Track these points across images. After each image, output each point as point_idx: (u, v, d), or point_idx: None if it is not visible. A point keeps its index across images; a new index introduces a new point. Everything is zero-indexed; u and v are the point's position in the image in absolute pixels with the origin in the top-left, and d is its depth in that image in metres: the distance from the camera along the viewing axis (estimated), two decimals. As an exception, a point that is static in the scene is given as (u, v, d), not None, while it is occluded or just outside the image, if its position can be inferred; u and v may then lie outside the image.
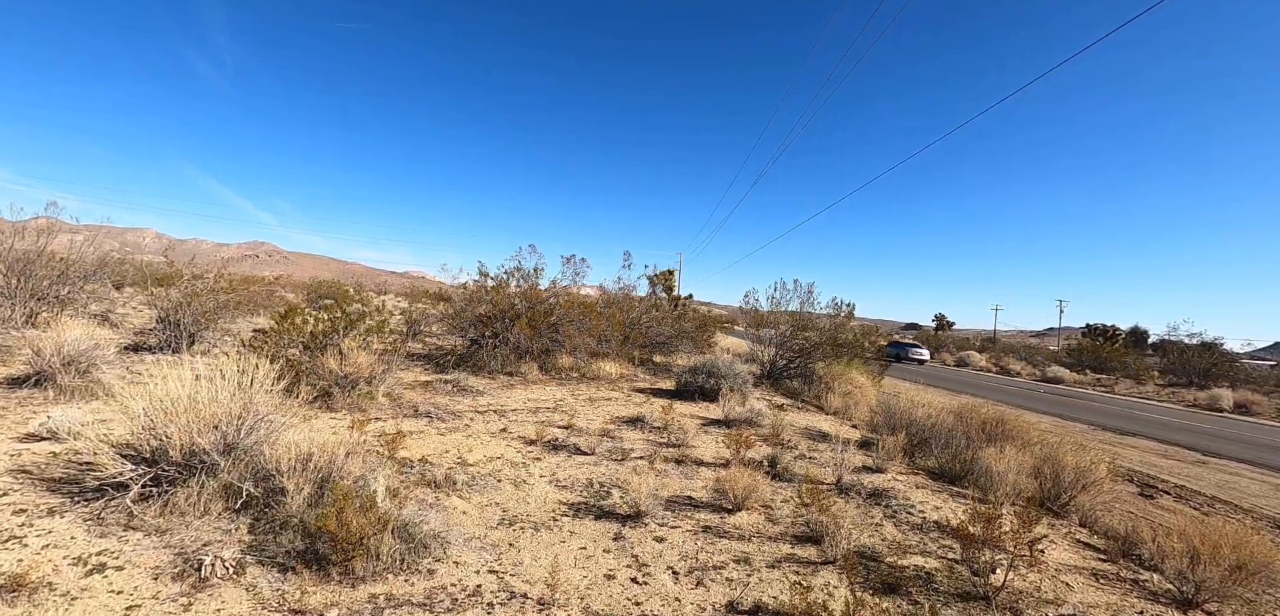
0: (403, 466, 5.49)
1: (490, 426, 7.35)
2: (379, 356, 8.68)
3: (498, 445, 6.46)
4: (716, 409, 9.02)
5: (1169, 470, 10.04)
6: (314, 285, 38.88)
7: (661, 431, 7.34)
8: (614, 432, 7.32)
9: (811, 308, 13.41)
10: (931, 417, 7.29)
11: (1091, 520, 6.08)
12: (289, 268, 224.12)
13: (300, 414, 7.23)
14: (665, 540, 4.12)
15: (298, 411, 7.30)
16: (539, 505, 4.78)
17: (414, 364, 12.30)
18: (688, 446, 6.80)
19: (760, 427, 8.05)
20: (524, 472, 5.58)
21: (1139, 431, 13.76)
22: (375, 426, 6.92)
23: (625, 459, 6.16)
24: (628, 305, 15.89)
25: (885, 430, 7.42)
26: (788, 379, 13.73)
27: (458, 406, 8.46)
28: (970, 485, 6.10)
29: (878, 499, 5.16)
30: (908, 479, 6.18)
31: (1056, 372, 29.26)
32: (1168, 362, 30.04)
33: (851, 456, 6.49)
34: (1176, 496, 8.56)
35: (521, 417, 7.96)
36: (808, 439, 7.80)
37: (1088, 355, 33.30)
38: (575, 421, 7.78)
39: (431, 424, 7.28)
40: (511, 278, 12.78)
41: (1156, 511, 7.74)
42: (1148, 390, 25.71)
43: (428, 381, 10.14)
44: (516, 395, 9.70)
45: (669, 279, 31.84)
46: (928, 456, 6.96)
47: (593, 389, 10.88)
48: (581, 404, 9.28)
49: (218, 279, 15.04)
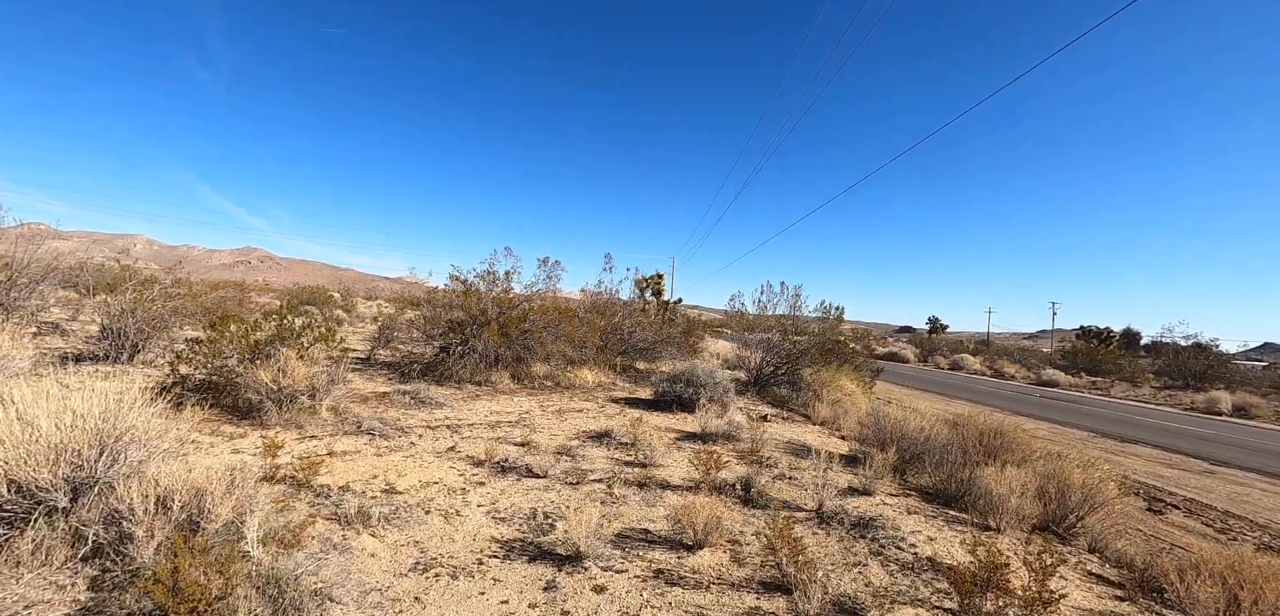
0: (318, 496, 4.78)
1: (438, 444, 6.64)
2: (324, 367, 7.96)
3: (439, 467, 5.75)
4: (694, 421, 8.33)
5: (1176, 481, 9.43)
6: (295, 291, 38.01)
7: (629, 448, 6.65)
8: (575, 451, 6.62)
9: (799, 311, 12.77)
10: (924, 430, 6.63)
11: (1102, 545, 5.43)
12: (281, 274, 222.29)
13: (222, 435, 6.52)
14: (606, 591, 3.43)
15: (220, 432, 6.60)
16: (466, 544, 4.08)
17: (380, 373, 11.57)
18: (655, 466, 6.11)
19: (739, 442, 7.38)
20: (460, 501, 4.88)
21: (1140, 438, 13.17)
22: (306, 446, 6.21)
23: (582, 482, 5.46)
24: (609, 309, 15.20)
25: (874, 444, 6.76)
26: (775, 386, 13.07)
27: (410, 421, 7.74)
28: (969, 507, 5.44)
29: (863, 529, 4.48)
30: (898, 501, 5.51)
31: (1051, 376, 28.74)
32: (1162, 365, 29.60)
33: (837, 476, 5.82)
34: (1187, 511, 7.95)
35: (477, 433, 7.26)
36: (791, 454, 7.13)
37: (1082, 358, 32.83)
38: (535, 438, 7.08)
39: (372, 442, 6.56)
40: (482, 281, 12.05)
41: (1168, 529, 7.12)
42: (1144, 393, 25.21)
43: (386, 392, 9.41)
44: (480, 407, 8.99)
45: (658, 283, 31.17)
46: (921, 473, 6.29)
47: (566, 399, 10.18)
48: (548, 417, 8.57)
49: (176, 285, 14.29)
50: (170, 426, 5.46)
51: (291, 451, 6.06)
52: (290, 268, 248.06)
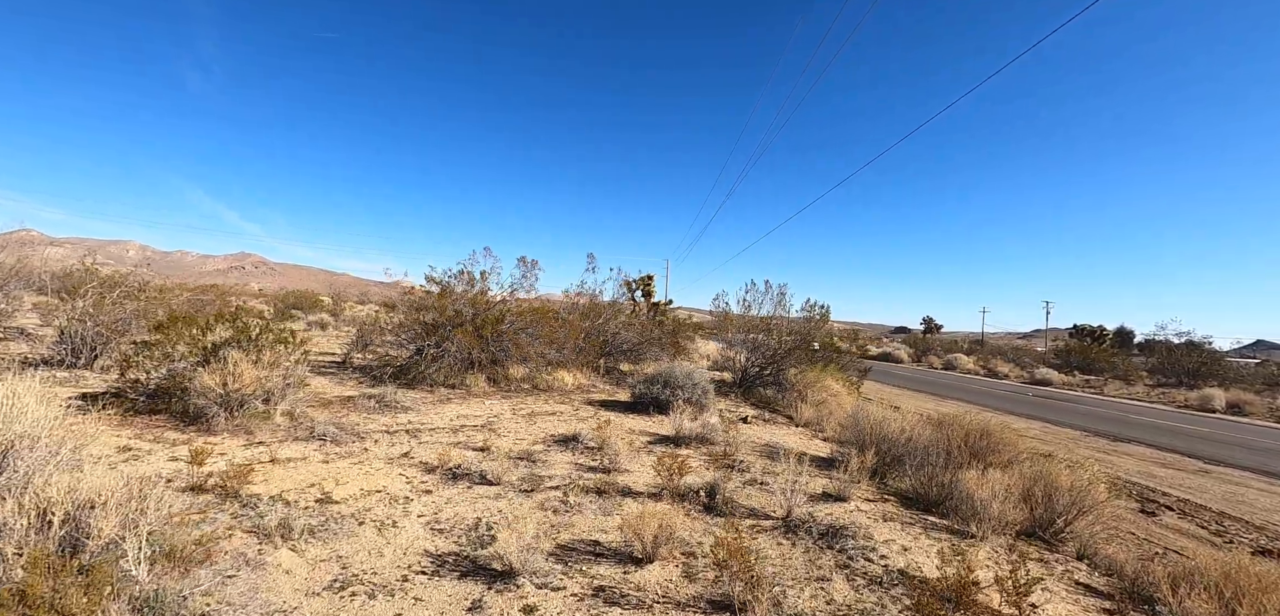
0: (244, 507, 4.43)
1: (392, 450, 6.28)
2: (281, 371, 7.59)
3: (387, 475, 5.40)
4: (670, 424, 7.99)
5: (1169, 481, 9.13)
6: (282, 295, 37.50)
7: (595, 453, 6.30)
8: (538, 456, 6.27)
9: (784, 311, 12.45)
10: (905, 431, 6.30)
11: (1091, 551, 5.10)
12: (275, 279, 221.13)
13: (165, 442, 6.15)
14: (536, 611, 3.09)
15: (163, 439, 6.23)
16: (396, 559, 3.73)
17: (353, 377, 11.20)
18: (619, 471, 5.76)
19: (713, 446, 7.04)
20: (400, 511, 4.52)
21: (1133, 437, 12.89)
22: (250, 453, 5.85)
23: (536, 490, 5.11)
24: (592, 311, 14.84)
25: (854, 447, 6.42)
26: (761, 387, 12.73)
27: (369, 426, 7.38)
28: (950, 512, 5.11)
29: (833, 539, 4.14)
30: (875, 507, 5.18)
31: (1044, 374, 28.52)
32: (1156, 363, 29.40)
33: (811, 480, 5.48)
34: (1181, 512, 7.64)
35: (437, 438, 6.90)
36: (767, 458, 6.79)
37: (1076, 356, 32.64)
38: (498, 442, 6.72)
39: (322, 448, 6.20)
40: (457, 282, 11.68)
41: (1162, 532, 6.81)
42: (1137, 391, 24.99)
43: (351, 396, 9.04)
44: (448, 411, 8.63)
45: (648, 284, 30.87)
46: (902, 477, 5.97)
47: (541, 402, 9.82)
48: (518, 420, 8.22)
49: (143, 287, 13.87)
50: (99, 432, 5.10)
51: (232, 459, 5.71)
52: (285, 273, 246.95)
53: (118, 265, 52.23)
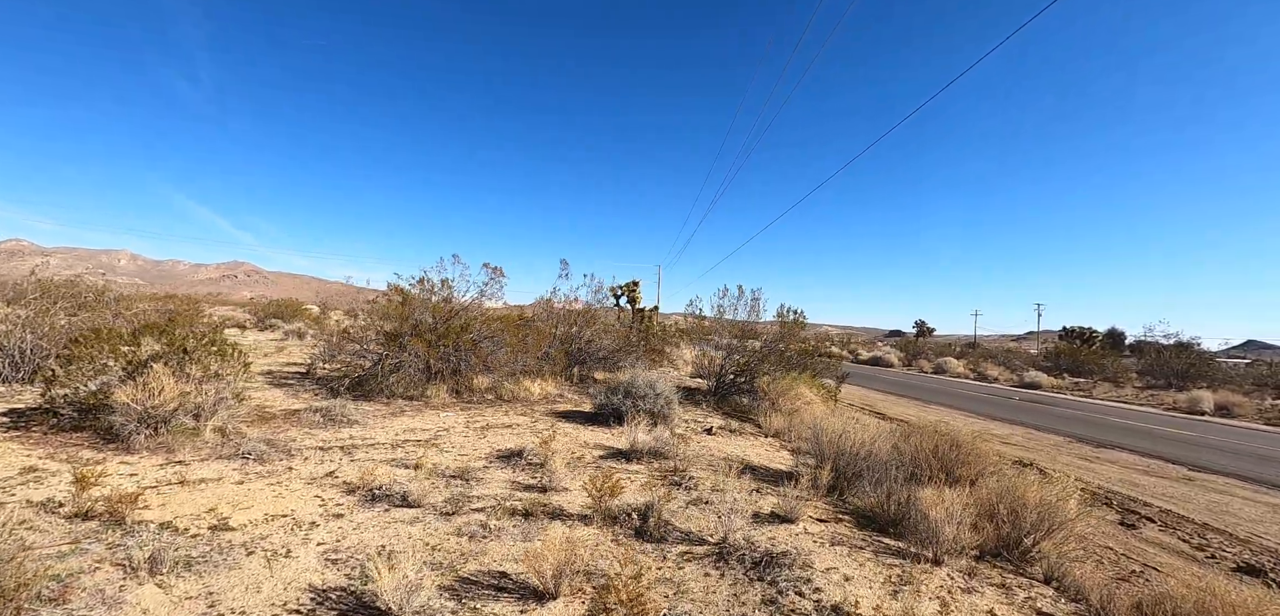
0: (127, 535, 4.02)
1: (319, 468, 5.87)
2: (214, 385, 7.16)
3: (301, 496, 4.98)
4: (627, 436, 7.60)
5: (1152, 490, 8.79)
6: (264, 304, 36.97)
7: (538, 468, 5.91)
8: (476, 473, 5.86)
9: (757, 316, 12.08)
10: (865, 443, 5.92)
11: (1059, 572, 4.73)
12: (268, 288, 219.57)
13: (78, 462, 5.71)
14: (403, 665, 2.69)
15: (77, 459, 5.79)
16: (273, 595, 3.33)
17: (310, 388, 10.77)
18: (555, 489, 5.36)
19: (669, 459, 6.65)
20: (299, 539, 4.12)
21: (1117, 442, 12.56)
22: (162, 473, 5.43)
23: (458, 512, 4.71)
24: (567, 318, 14.45)
25: (813, 460, 6.05)
26: (737, 395, 12.35)
27: (307, 441, 6.96)
28: (907, 533, 4.73)
29: (766, 568, 3.75)
30: (826, 528, 4.79)
31: (1034, 378, 28.23)
32: (1145, 364, 29.19)
33: (762, 498, 5.11)
34: (1162, 524, 7.29)
35: (373, 454, 6.48)
36: (723, 472, 6.40)
37: (1065, 359, 32.39)
38: (434, 459, 6.32)
39: (244, 467, 5.78)
40: (418, 288, 11.27)
41: (1141, 546, 6.46)
42: (1126, 393, 24.73)
43: (297, 410, 8.62)
44: (398, 424, 8.21)
45: (633, 290, 30.50)
46: (861, 493, 5.58)
47: (500, 414, 9.41)
48: (469, 434, 7.81)
49: (97, 295, 13.38)
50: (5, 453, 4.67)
51: (141, 480, 5.31)
52: (277, 281, 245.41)
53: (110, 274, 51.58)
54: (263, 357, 16.10)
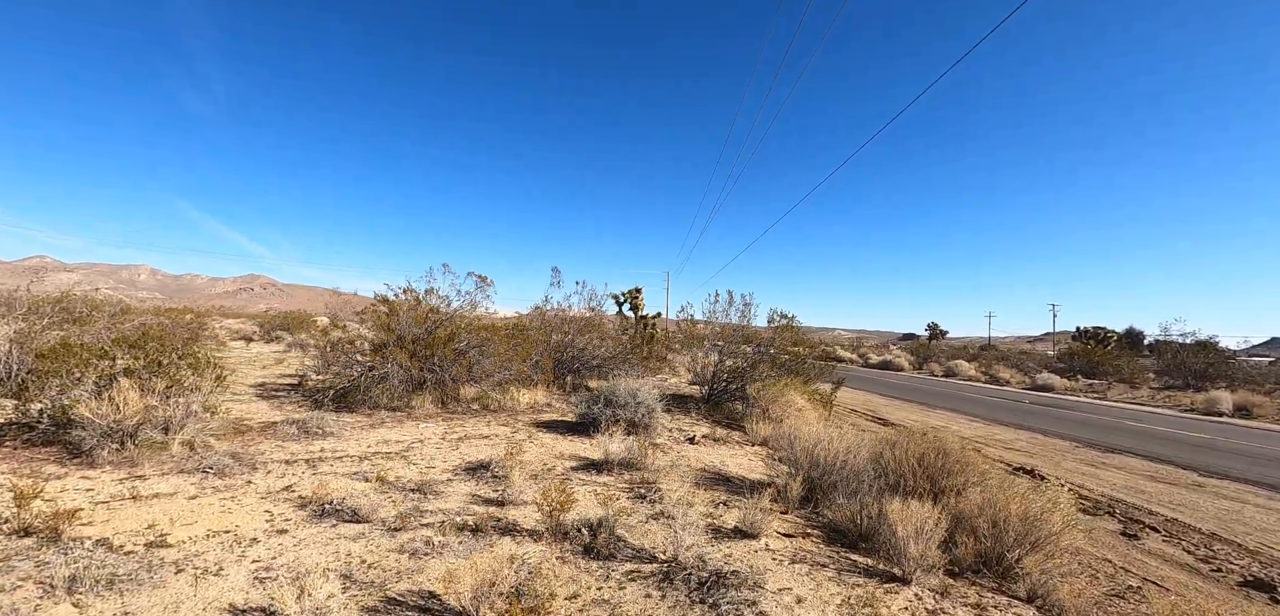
0: (61, 552, 3.90)
1: (279, 482, 5.73)
2: (184, 398, 7.07)
3: (250, 512, 4.84)
4: (601, 447, 7.40)
5: (1159, 497, 8.40)
6: (269, 317, 37.28)
7: (501, 481, 5.72)
8: (437, 486, 5.69)
9: (748, 321, 11.83)
10: (839, 453, 5.65)
11: (1045, 590, 4.45)
12: (283, 300, 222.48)
13: (40, 477, 5.62)
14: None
15: (40, 474, 5.70)
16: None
17: (297, 399, 10.71)
18: (513, 503, 5.17)
19: (641, 470, 6.43)
20: (235, 556, 3.96)
21: (1127, 446, 12.11)
22: (117, 488, 5.31)
23: (406, 527, 4.53)
24: (555, 325, 14.28)
25: (789, 469, 5.79)
26: (730, 402, 12.10)
27: (275, 455, 6.84)
28: (877, 549, 4.47)
29: (712, 589, 3.52)
30: (789, 544, 4.54)
31: (1046, 380, 27.59)
32: (1163, 364, 28.40)
33: (727, 511, 4.87)
34: (1167, 534, 6.92)
35: (340, 467, 6.34)
36: (698, 484, 6.17)
37: (1079, 360, 31.64)
38: (399, 472, 6.16)
39: (203, 481, 5.66)
40: (404, 297, 11.17)
41: (1142, 560, 6.10)
42: (1142, 395, 24.05)
43: (274, 422, 8.51)
44: (373, 436, 8.07)
45: (635, 297, 30.32)
46: (836, 506, 5.32)
47: (482, 424, 9.24)
48: (444, 446, 7.64)
49: (94, 309, 13.45)
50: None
51: (96, 496, 5.20)
52: (293, 294, 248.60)
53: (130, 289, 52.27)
54: (260, 369, 16.12)
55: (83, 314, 12.37)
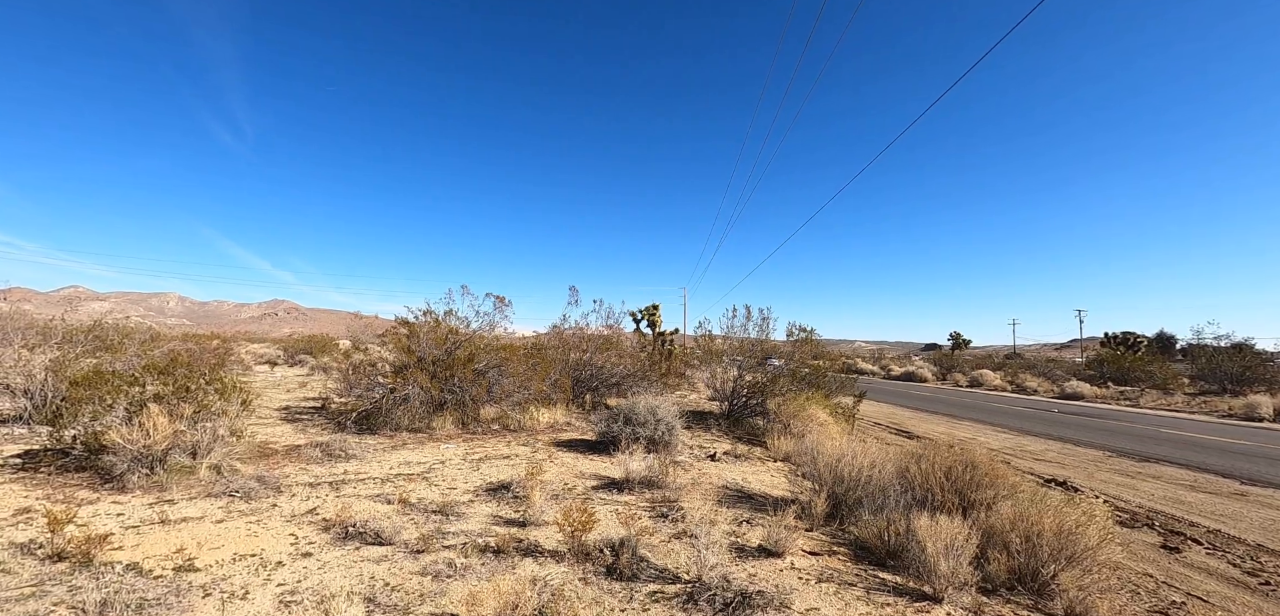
0: (93, 577, 3.97)
1: (303, 505, 5.78)
2: (211, 423, 7.20)
3: (276, 535, 4.88)
4: (621, 465, 7.36)
5: (1200, 507, 8.10)
6: (293, 341, 37.92)
7: (522, 502, 5.71)
8: (460, 507, 5.70)
9: (767, 335, 11.73)
10: (863, 468, 5.54)
11: (1083, 607, 4.29)
12: (306, 324, 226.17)
13: (74, 502, 5.75)
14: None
15: (74, 499, 5.83)
16: (212, 649, 3.19)
17: (318, 423, 10.85)
18: (536, 524, 5.15)
19: (663, 489, 6.37)
20: (261, 580, 3.99)
21: (1163, 455, 11.72)
22: (146, 513, 5.40)
23: (428, 549, 4.54)
24: (574, 343, 14.31)
25: (812, 485, 5.70)
26: (750, 417, 11.98)
27: (299, 477, 6.92)
28: (906, 567, 4.36)
29: (737, 610, 3.45)
30: (817, 563, 4.45)
31: (1075, 388, 26.90)
32: (1197, 369, 27.51)
33: (751, 530, 4.79)
34: (1210, 546, 6.66)
35: (362, 490, 6.39)
36: (721, 502, 6.09)
37: (1109, 367, 30.79)
38: (421, 494, 6.18)
39: (230, 504, 5.74)
40: (424, 319, 11.29)
41: (1185, 573, 5.87)
42: (1176, 401, 23.31)
43: (298, 445, 8.62)
44: (395, 457, 8.13)
45: (653, 314, 30.30)
46: (862, 522, 5.21)
47: (502, 444, 9.27)
48: (465, 466, 7.67)
49: (125, 336, 13.79)
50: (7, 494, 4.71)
51: (126, 520, 5.30)
52: (315, 318, 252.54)
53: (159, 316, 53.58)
54: (284, 393, 16.37)
55: (114, 342, 12.69)
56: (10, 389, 10.47)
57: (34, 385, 9.99)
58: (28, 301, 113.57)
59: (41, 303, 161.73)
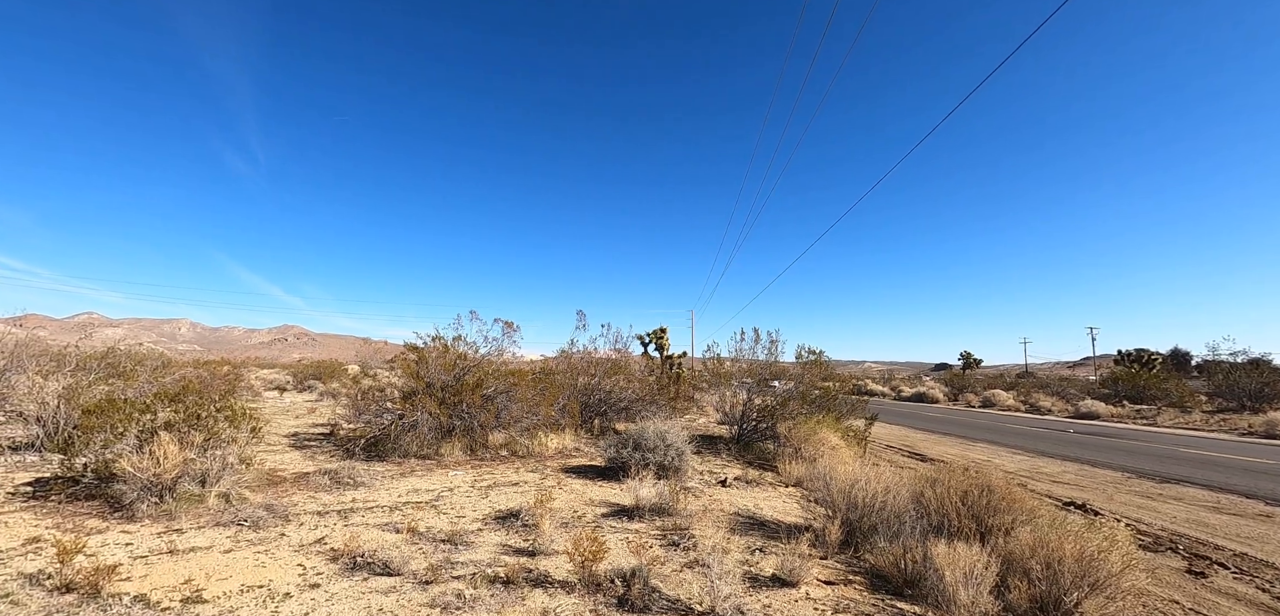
0: (101, 608, 3.95)
1: (311, 534, 5.74)
2: (220, 450, 7.20)
3: (284, 565, 4.84)
4: (631, 492, 7.28)
5: (1224, 529, 7.91)
6: (303, 366, 38.11)
7: (531, 530, 5.65)
8: (468, 536, 5.64)
9: (775, 357, 11.66)
10: (877, 494, 5.44)
11: (1107, 638, 4.16)
12: (315, 349, 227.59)
13: (84, 531, 5.74)
14: None
15: (83, 528, 5.83)
16: (219, 686, 3.14)
17: (327, 449, 10.83)
18: (544, 553, 5.08)
19: (674, 516, 6.29)
20: (267, 612, 3.95)
21: (1184, 475, 11.48)
22: (155, 542, 5.38)
23: (437, 580, 4.48)
24: (582, 368, 14.28)
25: (826, 512, 5.60)
26: (760, 442, 11.86)
27: (307, 505, 6.88)
28: (923, 596, 4.25)
29: (753, 642, 3.37)
30: (832, 592, 4.35)
31: (1090, 407, 26.50)
32: (1214, 386, 27.05)
33: (764, 559, 4.70)
34: (1237, 570, 6.48)
35: (371, 518, 6.35)
36: (733, 529, 6.00)
37: (1124, 385, 30.34)
38: (430, 522, 6.13)
39: (238, 533, 5.71)
40: (433, 345, 11.31)
41: (1213, 599, 5.70)
42: (1194, 419, 22.89)
43: (307, 473, 8.60)
44: (404, 485, 8.08)
45: (661, 337, 30.25)
46: (878, 550, 5.10)
47: (511, 470, 9.20)
48: (473, 494, 7.61)
49: (137, 362, 13.87)
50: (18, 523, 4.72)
51: (134, 550, 5.28)
52: (324, 343, 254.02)
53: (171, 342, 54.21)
54: (293, 419, 16.40)
55: (127, 368, 12.78)
56: (24, 416, 10.55)
57: (47, 412, 10.04)
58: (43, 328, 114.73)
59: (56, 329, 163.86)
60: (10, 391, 13.30)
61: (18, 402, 10.65)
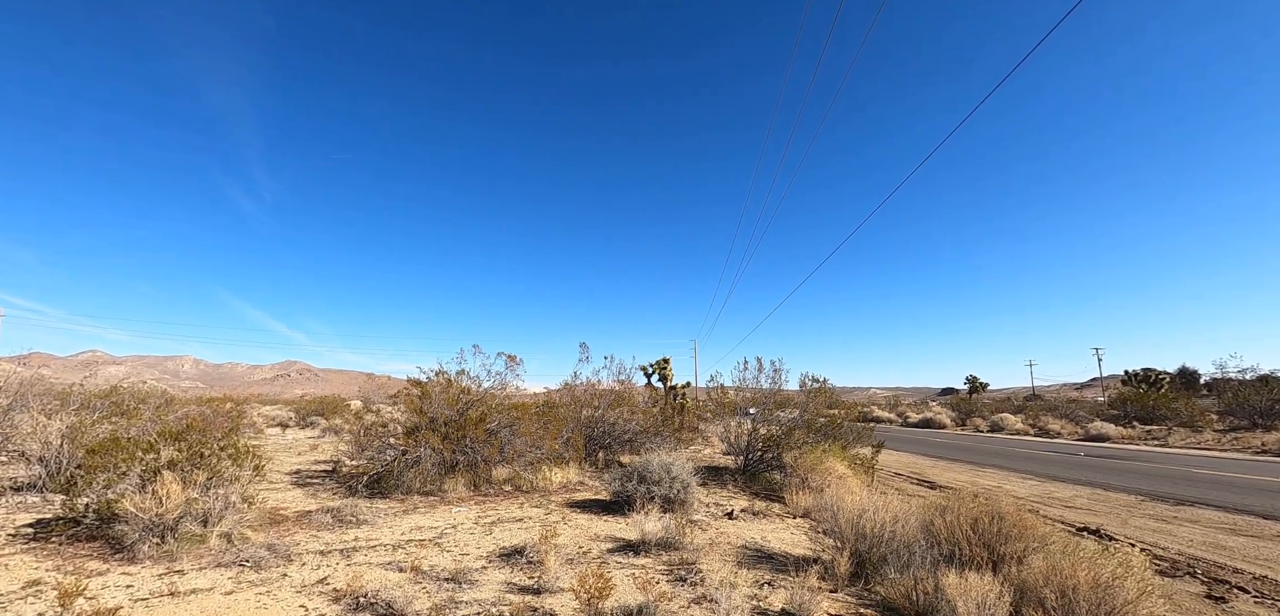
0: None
1: (313, 574, 5.67)
2: (222, 490, 7.16)
3: (285, 607, 4.78)
4: (636, 527, 7.19)
5: (1243, 551, 7.75)
6: (306, 402, 38.02)
7: (535, 568, 5.57)
8: (472, 574, 5.56)
9: (779, 386, 11.60)
10: (886, 523, 5.37)
11: (1126, 668, 4.06)
12: (318, 385, 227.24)
13: (84, 573, 5.68)
14: None
15: (83, 570, 5.77)
16: (219, 735, 3.08)
17: (329, 487, 10.75)
18: (549, 591, 5.00)
19: (677, 551, 6.20)
20: (269, 662, 3.88)
21: (1199, 496, 11.30)
22: (155, 585, 5.33)
23: (441, 622, 4.40)
24: (587, 400, 14.23)
25: (834, 543, 5.51)
26: (767, 472, 11.74)
27: (311, 545, 6.81)
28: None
29: (764, 679, 3.30)
30: (843, 623, 4.26)
31: (1100, 429, 26.19)
32: (1224, 404, 26.76)
33: (772, 593, 4.62)
34: (1258, 594, 6.34)
35: (374, 557, 6.27)
36: (740, 562, 5.91)
37: (1132, 405, 30.04)
38: (433, 561, 6.05)
39: (239, 575, 5.65)
40: (436, 380, 11.30)
41: (1234, 629, 5.57)
42: (1205, 438, 22.60)
43: (309, 511, 8.53)
44: (407, 522, 8.00)
45: (664, 368, 30.15)
46: (887, 581, 5.01)
47: (515, 506, 9.11)
48: (477, 531, 7.53)
49: (139, 401, 13.88)
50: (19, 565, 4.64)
51: (135, 592, 5.22)
52: (328, 378, 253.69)
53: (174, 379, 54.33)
54: (296, 456, 16.31)
55: (130, 407, 12.77)
56: (26, 456, 10.52)
57: (50, 452, 10.02)
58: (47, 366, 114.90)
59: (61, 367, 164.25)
60: (14, 431, 13.28)
61: (20, 442, 10.62)
